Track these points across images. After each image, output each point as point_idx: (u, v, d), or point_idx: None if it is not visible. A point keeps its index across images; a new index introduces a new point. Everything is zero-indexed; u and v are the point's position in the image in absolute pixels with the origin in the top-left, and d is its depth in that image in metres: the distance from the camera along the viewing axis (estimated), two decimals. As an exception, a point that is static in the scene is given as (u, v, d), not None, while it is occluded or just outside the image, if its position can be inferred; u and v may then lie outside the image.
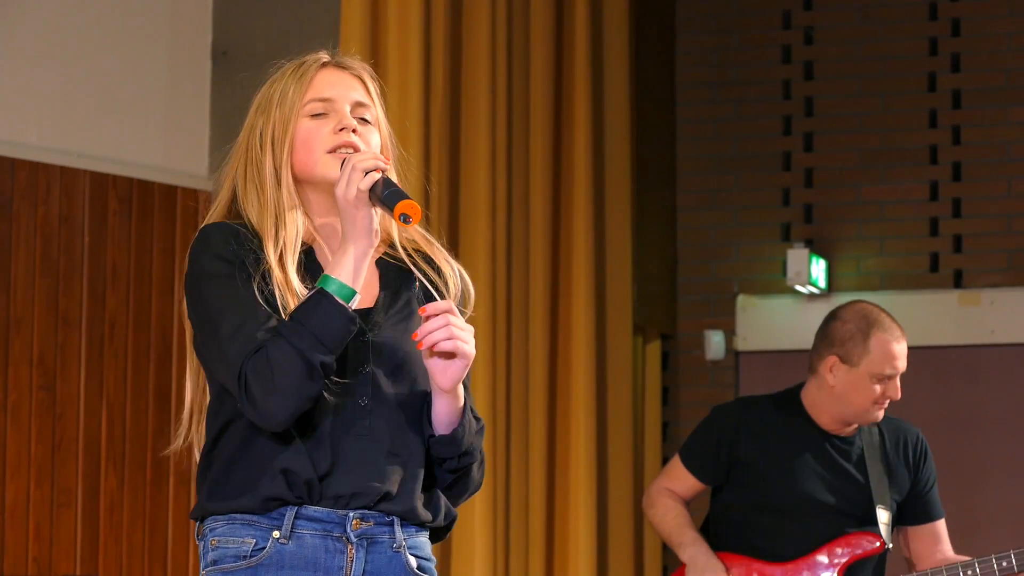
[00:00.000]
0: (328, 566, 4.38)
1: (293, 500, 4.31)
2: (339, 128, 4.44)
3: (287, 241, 4.39)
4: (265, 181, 4.46)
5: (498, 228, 10.19)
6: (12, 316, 10.05)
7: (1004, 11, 11.54)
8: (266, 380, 4.18)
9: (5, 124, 10.19)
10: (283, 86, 4.51)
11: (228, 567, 4.37)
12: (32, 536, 10.06)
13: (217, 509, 4.39)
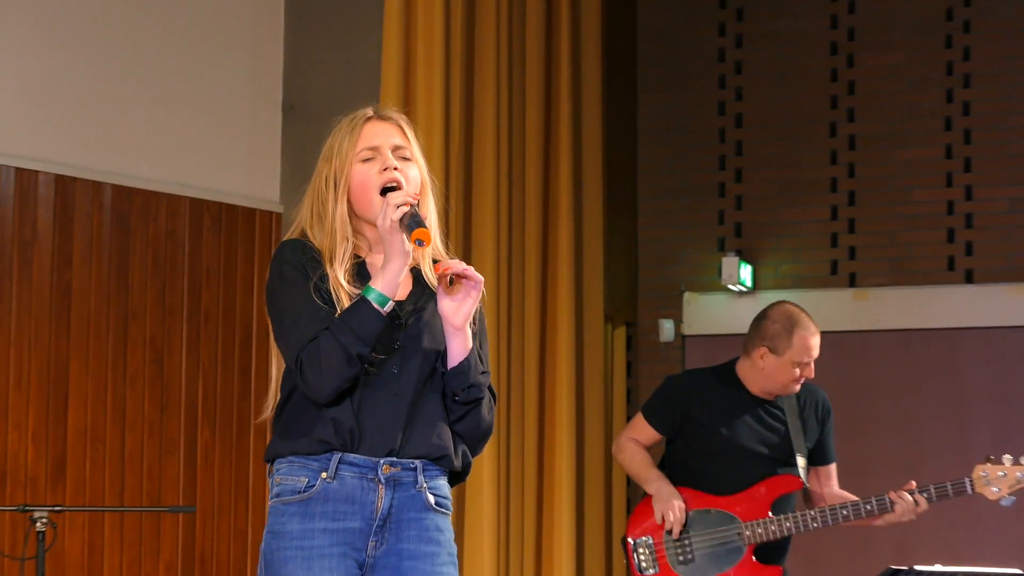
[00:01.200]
0: (363, 501, 4.48)
1: (338, 446, 4.45)
2: (383, 168, 4.57)
3: (341, 256, 4.56)
4: (327, 214, 4.60)
5: (501, 240, 10.15)
6: (130, 308, 9.98)
7: (889, 74, 11.38)
8: (316, 365, 4.39)
9: (124, 161, 10.13)
10: (339, 140, 4.66)
11: (287, 499, 4.50)
12: (146, 476, 9.99)
13: (282, 451, 4.54)
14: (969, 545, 9.63)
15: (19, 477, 9.53)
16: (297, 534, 4.44)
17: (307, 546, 4.44)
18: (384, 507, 4.48)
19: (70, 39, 9.95)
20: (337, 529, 4.46)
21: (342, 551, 4.46)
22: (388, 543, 4.51)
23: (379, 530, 4.49)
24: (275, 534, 4.48)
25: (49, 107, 9.86)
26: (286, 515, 4.47)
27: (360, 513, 4.47)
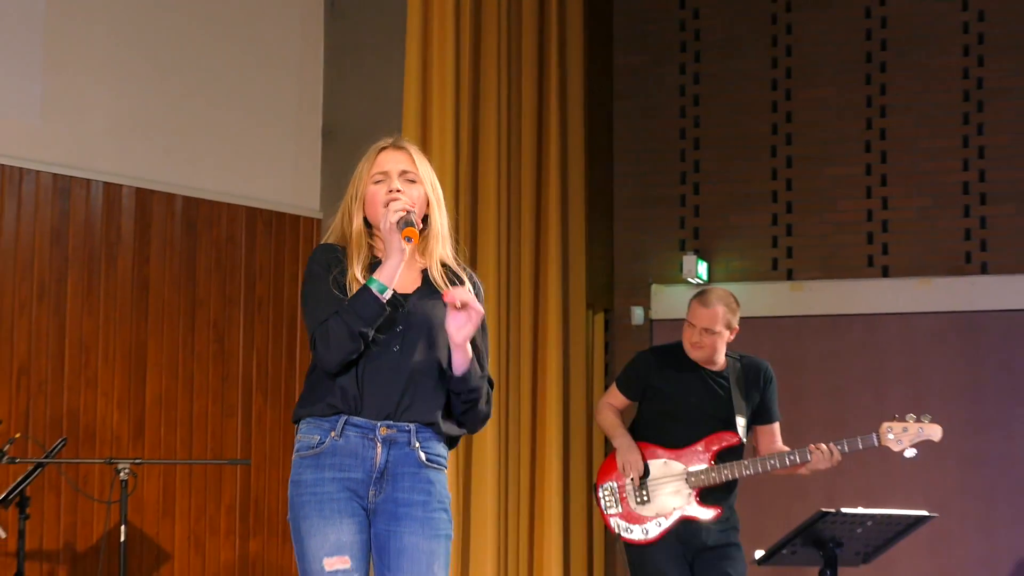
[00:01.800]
0: (363, 456, 4.55)
1: (344, 409, 4.54)
2: (388, 190, 4.66)
3: (359, 257, 4.66)
4: (350, 225, 4.74)
5: (501, 242, 10.16)
6: (197, 298, 9.98)
7: (819, 106, 11.35)
8: (325, 341, 4.49)
9: (193, 176, 10.12)
10: (361, 166, 4.80)
11: (304, 454, 4.59)
12: (209, 435, 9.99)
13: (302, 414, 4.64)
14: (886, 491, 9.62)
15: (106, 436, 9.53)
16: (311, 482, 4.51)
17: (319, 492, 4.49)
18: (381, 462, 4.53)
19: (147, 76, 9.94)
20: (343, 478, 4.51)
21: (348, 496, 4.51)
22: (386, 492, 4.55)
23: (378, 481, 4.54)
24: (294, 483, 4.55)
25: (131, 132, 9.85)
26: (302, 467, 4.55)
27: (361, 466, 4.52)
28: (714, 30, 11.98)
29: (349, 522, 4.47)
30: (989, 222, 11.23)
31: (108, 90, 9.77)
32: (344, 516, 4.47)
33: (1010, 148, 11.17)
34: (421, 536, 4.52)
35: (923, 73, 11.42)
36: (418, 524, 4.52)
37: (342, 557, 4.43)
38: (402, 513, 4.53)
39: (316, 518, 4.45)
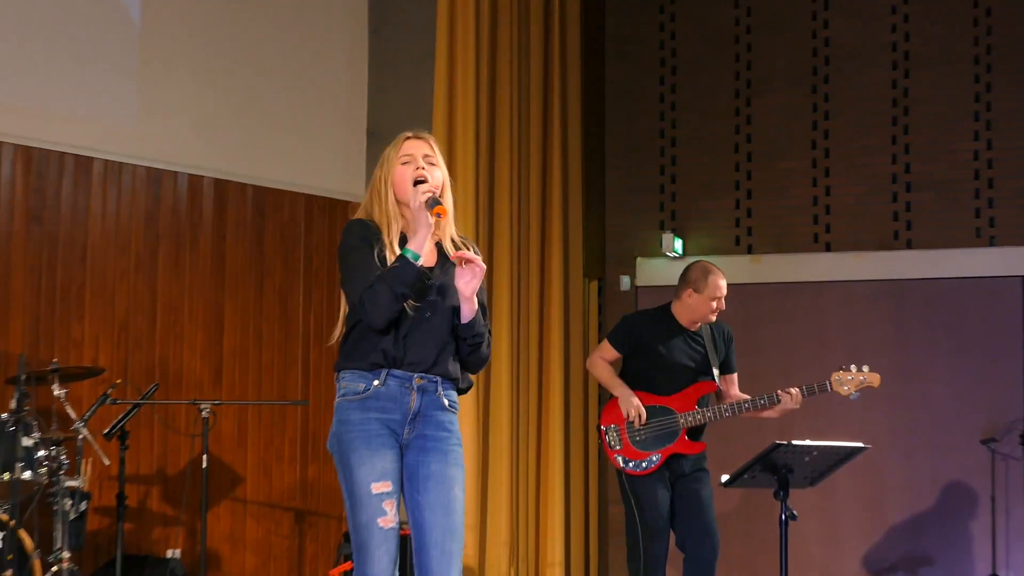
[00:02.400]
0: (401, 401, 4.56)
1: (386, 364, 4.54)
2: (415, 168, 4.66)
3: (391, 230, 4.65)
4: (382, 200, 4.71)
5: (513, 223, 10.21)
6: (264, 268, 10.02)
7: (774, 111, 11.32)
8: (372, 302, 4.46)
9: (261, 169, 10.12)
10: (388, 152, 4.81)
11: (351, 398, 4.57)
12: (276, 381, 10.06)
13: (346, 366, 4.62)
14: (829, 428, 9.63)
15: (191, 381, 9.55)
16: (358, 421, 4.51)
17: (366, 429, 4.50)
18: (416, 406, 4.55)
19: (223, 86, 9.94)
20: (384, 418, 4.52)
21: (388, 433, 4.52)
22: (417, 430, 4.56)
23: (412, 421, 4.55)
24: (342, 422, 4.55)
25: (210, 133, 9.85)
26: (349, 409, 4.54)
27: (399, 409, 4.54)
28: (687, 49, 11.93)
29: (390, 454, 4.50)
30: (912, 207, 11.21)
31: (191, 98, 9.78)
32: (385, 449, 4.49)
33: (930, 146, 11.14)
34: (444, 464, 4.55)
35: (859, 84, 11.39)
36: (442, 455, 4.56)
37: (385, 482, 4.45)
38: (430, 447, 4.56)
39: (364, 450, 4.46)
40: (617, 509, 10.71)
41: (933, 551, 10.87)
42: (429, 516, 4.50)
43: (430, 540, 4.49)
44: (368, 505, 4.44)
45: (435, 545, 4.50)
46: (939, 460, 10.90)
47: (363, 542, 4.44)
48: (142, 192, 9.49)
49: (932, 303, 11.06)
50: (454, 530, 4.53)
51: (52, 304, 9.01)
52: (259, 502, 9.89)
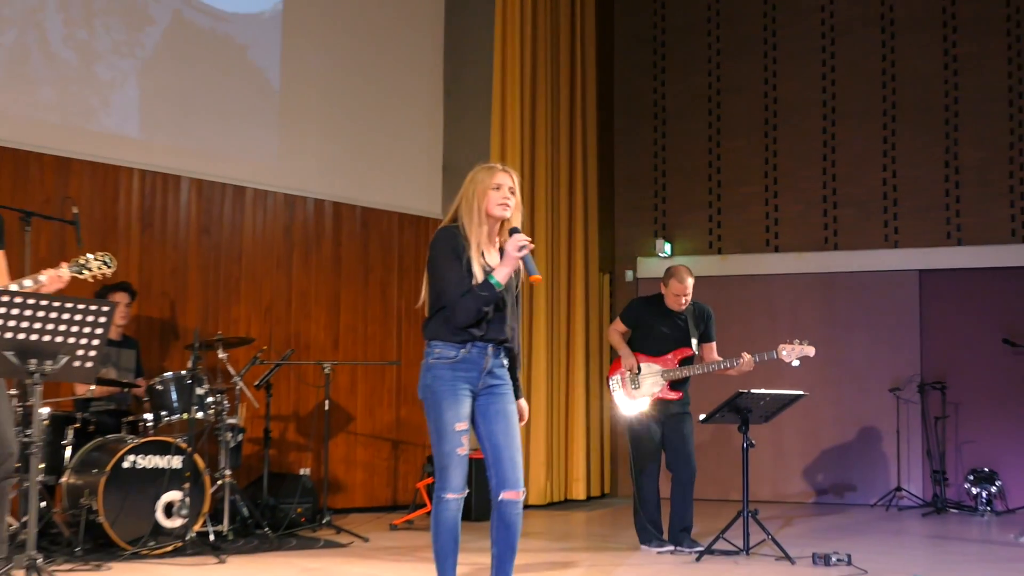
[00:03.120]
0: (479, 363, 4.47)
1: (471, 339, 4.43)
2: (503, 196, 4.49)
3: (479, 243, 4.47)
4: (472, 215, 4.49)
5: (547, 233, 10.20)
6: (369, 265, 9.98)
7: (736, 151, 11.28)
8: (463, 311, 4.38)
9: (366, 193, 10.12)
10: (484, 175, 4.52)
11: (444, 361, 4.45)
12: (377, 347, 10.01)
13: (437, 337, 4.48)
14: (778, 381, 9.60)
15: (316, 346, 9.58)
16: (448, 379, 4.41)
17: (454, 385, 4.41)
18: (487, 366, 4.47)
19: (341, 131, 9.96)
20: (467, 376, 4.44)
21: (467, 387, 4.44)
22: (486, 381, 4.48)
23: (484, 376, 4.47)
24: (436, 378, 4.43)
25: (330, 168, 9.87)
26: (442, 369, 4.42)
27: (477, 368, 4.45)
28: (674, 105, 11.92)
29: (467, 402, 4.44)
30: (838, 219, 11.19)
31: (316, 142, 9.80)
32: (465, 399, 4.43)
33: (851, 175, 11.14)
34: (506, 403, 4.51)
35: (798, 131, 11.37)
36: (504, 398, 4.51)
37: (463, 422, 4.41)
38: (496, 392, 4.50)
39: (451, 399, 4.40)
40: (622, 440, 10.70)
41: (855, 469, 10.86)
42: (501, 439, 4.47)
43: (504, 455, 4.46)
44: (451, 438, 4.40)
45: (508, 458, 4.46)
46: (858, 404, 10.90)
47: (445, 465, 4.41)
48: (281, 212, 9.52)
49: (852, 290, 11.07)
50: (517, 446, 4.51)
51: (217, 292, 9.05)
52: (365, 434, 9.92)
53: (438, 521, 4.44)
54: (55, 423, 6.97)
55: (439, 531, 4.43)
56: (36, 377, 4.46)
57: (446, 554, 4.45)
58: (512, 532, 4.51)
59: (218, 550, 6.65)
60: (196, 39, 9.08)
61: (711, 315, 7.53)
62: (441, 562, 4.46)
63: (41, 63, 8.21)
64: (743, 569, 6.36)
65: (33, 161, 8.10)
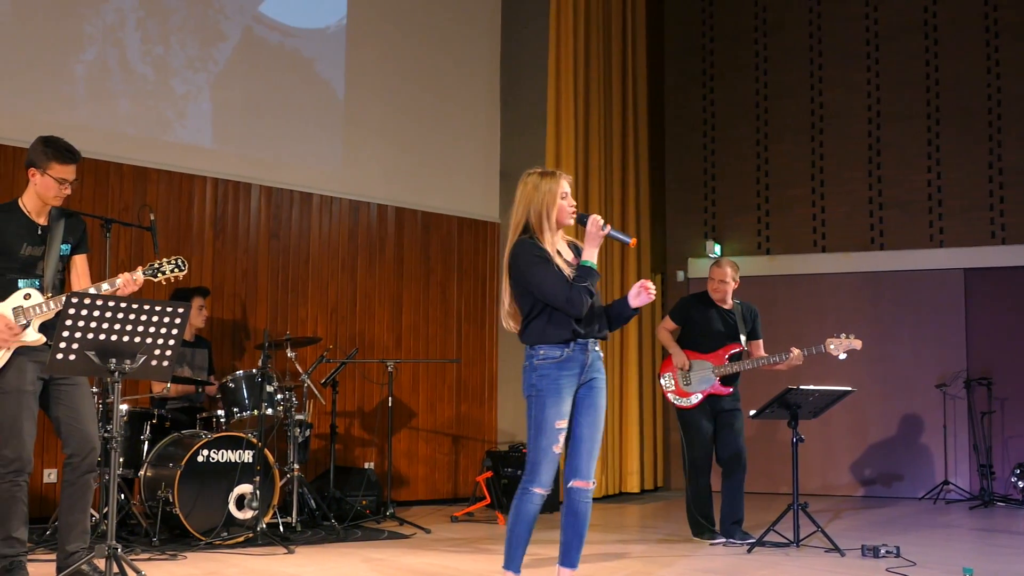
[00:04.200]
0: (581, 360, 4.47)
1: (573, 338, 4.44)
2: (570, 204, 4.53)
3: (553, 246, 4.48)
4: (544, 225, 4.48)
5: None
6: (430, 268, 9.97)
7: (784, 157, 11.16)
8: (578, 301, 4.36)
9: (426, 199, 10.11)
10: (549, 184, 4.52)
11: (550, 361, 4.45)
12: (440, 345, 10.02)
13: (540, 341, 4.48)
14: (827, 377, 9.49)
15: (380, 346, 9.60)
16: (554, 377, 4.41)
17: (558, 385, 4.41)
18: (588, 361, 4.47)
19: (403, 139, 9.97)
20: (571, 374, 4.44)
21: (572, 383, 4.44)
22: (586, 375, 4.47)
23: (586, 371, 4.46)
24: (542, 376, 4.42)
25: (392, 175, 9.89)
26: (549, 368, 4.42)
27: (579, 365, 4.45)
28: (723, 112, 11.84)
29: (569, 401, 4.45)
30: (884, 220, 11.05)
31: (379, 151, 9.82)
32: (569, 397, 4.44)
33: (896, 177, 11.00)
34: (599, 398, 4.51)
35: (844, 135, 11.26)
36: (599, 392, 4.51)
37: (563, 420, 4.41)
38: (592, 386, 4.51)
39: (555, 398, 4.40)
40: (675, 435, 10.65)
41: (902, 463, 10.71)
42: (585, 431, 4.48)
43: (583, 447, 4.48)
44: (549, 435, 4.39)
45: (586, 450, 4.48)
46: (906, 400, 10.75)
47: (538, 460, 4.41)
48: (346, 217, 9.55)
49: (899, 289, 10.92)
50: (597, 442, 4.53)
51: (286, 294, 9.10)
52: (427, 429, 9.92)
53: (518, 512, 4.45)
54: (133, 419, 7.04)
55: (517, 521, 4.45)
56: (116, 376, 4.49)
57: (518, 544, 4.47)
58: (580, 520, 4.53)
59: (287, 541, 6.68)
60: (265, 53, 9.14)
61: (757, 313, 7.46)
62: (512, 550, 4.48)
63: (120, 78, 8.31)
64: (794, 561, 6.28)
65: (113, 171, 8.19)
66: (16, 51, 7.85)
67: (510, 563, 4.48)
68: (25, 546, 4.98)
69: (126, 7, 8.39)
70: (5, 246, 4.99)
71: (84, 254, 5.24)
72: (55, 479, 7.64)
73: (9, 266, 5.00)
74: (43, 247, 5.06)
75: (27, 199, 5.10)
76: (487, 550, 6.69)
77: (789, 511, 6.78)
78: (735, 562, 6.25)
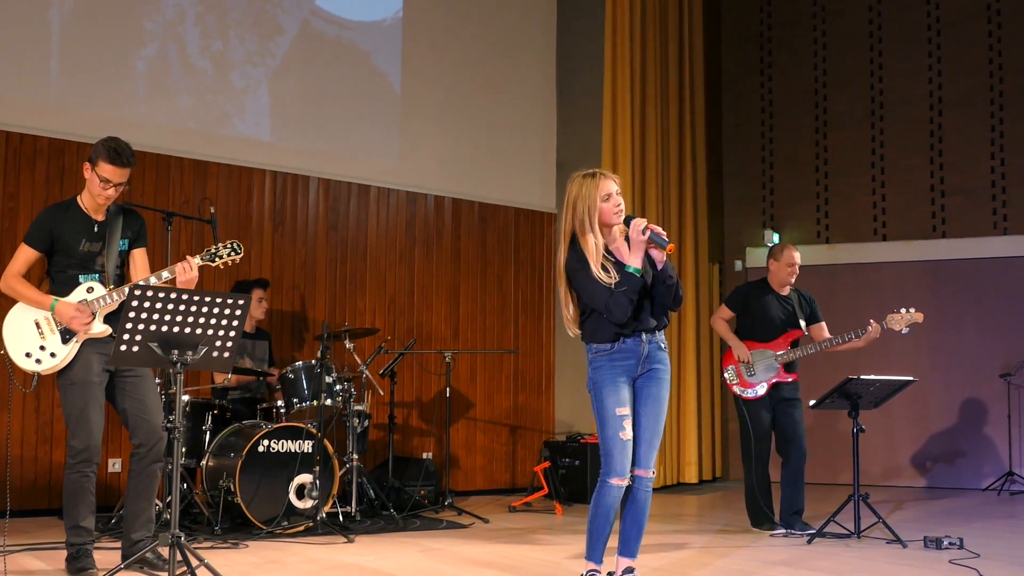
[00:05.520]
0: (635, 350, 4.46)
1: (624, 334, 4.43)
2: (614, 204, 4.48)
3: (599, 250, 4.44)
4: (585, 227, 4.46)
5: (659, 223, 10.01)
6: (487, 260, 10.00)
7: (843, 144, 11.01)
8: (617, 308, 4.35)
9: (485, 191, 10.12)
10: (590, 188, 4.49)
11: (601, 354, 4.46)
12: (496, 336, 10.01)
13: (593, 340, 4.49)
14: (889, 367, 9.40)
15: (438, 337, 9.63)
16: (608, 368, 4.42)
17: (612, 374, 4.42)
18: (644, 352, 4.45)
19: (459, 131, 9.99)
20: (626, 365, 4.43)
21: (626, 373, 4.44)
22: (645, 366, 4.46)
23: (643, 361, 4.46)
24: (596, 369, 4.44)
25: (449, 166, 9.92)
26: (601, 360, 4.44)
27: (635, 356, 4.44)
28: (781, 100, 11.74)
29: (627, 389, 4.43)
30: (946, 208, 10.89)
31: (436, 142, 9.85)
32: (625, 385, 4.42)
33: (959, 164, 10.83)
34: (660, 389, 4.50)
35: (905, 122, 11.10)
36: (659, 382, 4.50)
37: (624, 407, 4.39)
38: (652, 377, 4.49)
39: (611, 386, 4.40)
40: (733, 425, 10.59)
41: (965, 454, 10.56)
42: (645, 422, 4.46)
43: (643, 436, 4.46)
44: (613, 423, 4.39)
45: (645, 440, 4.46)
46: (968, 390, 10.60)
47: (609, 450, 4.40)
48: (403, 209, 9.59)
49: (960, 278, 10.76)
50: (658, 433, 4.51)
51: (344, 285, 9.17)
52: (485, 420, 9.95)
53: (598, 503, 4.45)
54: (195, 410, 7.13)
55: (597, 512, 4.45)
56: (178, 367, 4.55)
57: (599, 535, 4.48)
58: (639, 509, 4.52)
59: (347, 530, 6.73)
60: (323, 47, 9.20)
61: (814, 298, 7.42)
62: (593, 541, 4.49)
63: (180, 74, 8.41)
64: (854, 552, 6.21)
65: (174, 165, 8.29)
66: (80, 50, 7.97)
67: (592, 554, 4.50)
68: (92, 534, 5.07)
69: (185, 3, 8.49)
70: (64, 243, 5.08)
71: (143, 248, 5.32)
72: (120, 468, 7.77)
73: (70, 263, 5.09)
74: (101, 243, 5.14)
75: (85, 196, 5.18)
76: (545, 541, 6.70)
77: (850, 502, 6.71)
78: (795, 553, 6.21)
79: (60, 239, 5.08)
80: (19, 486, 7.41)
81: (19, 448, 7.47)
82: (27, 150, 7.70)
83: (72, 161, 7.77)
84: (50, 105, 7.81)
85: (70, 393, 4.99)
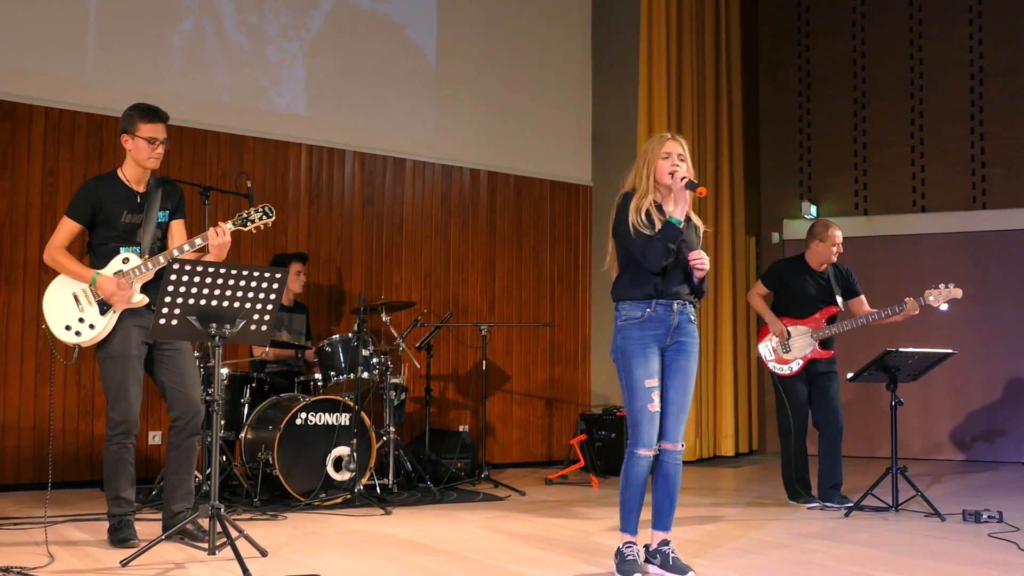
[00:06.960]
0: (666, 320, 4.47)
1: (655, 295, 4.44)
2: (672, 164, 4.50)
3: (650, 205, 4.46)
4: (643, 182, 4.52)
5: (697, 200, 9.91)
6: (522, 232, 9.98)
7: (882, 116, 10.88)
8: (654, 254, 4.36)
9: (520, 163, 10.09)
10: (655, 145, 4.56)
11: (632, 321, 4.46)
12: (532, 309, 9.99)
13: (624, 297, 4.51)
14: (926, 339, 9.32)
15: (474, 310, 9.64)
16: (637, 338, 4.41)
17: (642, 344, 4.41)
18: (675, 323, 4.45)
19: (494, 105, 9.96)
20: (654, 335, 4.43)
21: (656, 345, 4.43)
22: (674, 337, 4.46)
23: (672, 333, 4.45)
24: (626, 338, 4.43)
25: (484, 140, 9.89)
26: (631, 329, 4.43)
27: (664, 326, 4.44)
28: (819, 70, 11.62)
29: (656, 359, 4.43)
30: (986, 178, 10.75)
31: (471, 115, 9.83)
32: (654, 356, 4.42)
33: (999, 134, 10.69)
34: (688, 361, 4.49)
35: (945, 90, 10.96)
36: (688, 355, 4.50)
37: (653, 379, 4.40)
38: (682, 349, 4.49)
39: (640, 357, 4.39)
40: (770, 398, 10.54)
41: (1005, 428, 10.48)
42: (672, 395, 4.46)
43: (671, 410, 4.45)
44: (642, 395, 4.39)
45: (673, 413, 4.46)
46: (1008, 362, 10.50)
47: (637, 420, 4.41)
48: (439, 182, 9.59)
49: (1001, 249, 10.63)
50: (685, 406, 4.50)
51: (380, 259, 9.18)
52: (521, 392, 9.96)
53: (628, 475, 4.47)
54: (234, 383, 7.18)
55: (628, 484, 4.48)
56: (216, 340, 4.58)
57: (632, 507, 4.50)
58: (670, 483, 4.52)
59: (384, 502, 6.77)
60: (357, 20, 9.19)
61: (849, 270, 7.35)
62: (627, 513, 4.52)
63: (216, 48, 8.42)
64: (893, 525, 6.18)
65: (210, 139, 8.32)
66: (117, 25, 8.00)
67: (626, 526, 4.52)
68: (132, 506, 5.13)
69: (221, -23, 8.50)
70: (107, 215, 5.11)
71: (181, 220, 5.35)
72: (160, 441, 7.84)
73: (111, 235, 5.12)
74: (142, 215, 5.17)
75: (126, 168, 5.21)
76: (581, 513, 6.71)
77: (888, 475, 6.67)
78: (832, 526, 6.18)
79: (102, 210, 5.11)
80: (61, 458, 7.51)
81: (60, 421, 7.55)
82: (66, 126, 7.75)
83: (110, 136, 7.82)
84: (88, 81, 7.86)
85: (109, 366, 5.04)
